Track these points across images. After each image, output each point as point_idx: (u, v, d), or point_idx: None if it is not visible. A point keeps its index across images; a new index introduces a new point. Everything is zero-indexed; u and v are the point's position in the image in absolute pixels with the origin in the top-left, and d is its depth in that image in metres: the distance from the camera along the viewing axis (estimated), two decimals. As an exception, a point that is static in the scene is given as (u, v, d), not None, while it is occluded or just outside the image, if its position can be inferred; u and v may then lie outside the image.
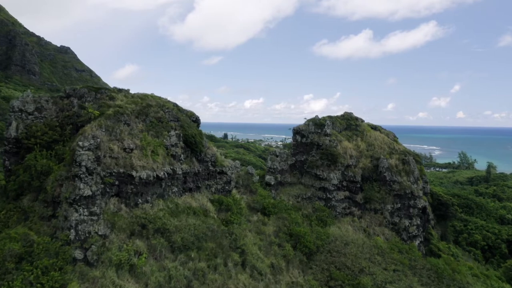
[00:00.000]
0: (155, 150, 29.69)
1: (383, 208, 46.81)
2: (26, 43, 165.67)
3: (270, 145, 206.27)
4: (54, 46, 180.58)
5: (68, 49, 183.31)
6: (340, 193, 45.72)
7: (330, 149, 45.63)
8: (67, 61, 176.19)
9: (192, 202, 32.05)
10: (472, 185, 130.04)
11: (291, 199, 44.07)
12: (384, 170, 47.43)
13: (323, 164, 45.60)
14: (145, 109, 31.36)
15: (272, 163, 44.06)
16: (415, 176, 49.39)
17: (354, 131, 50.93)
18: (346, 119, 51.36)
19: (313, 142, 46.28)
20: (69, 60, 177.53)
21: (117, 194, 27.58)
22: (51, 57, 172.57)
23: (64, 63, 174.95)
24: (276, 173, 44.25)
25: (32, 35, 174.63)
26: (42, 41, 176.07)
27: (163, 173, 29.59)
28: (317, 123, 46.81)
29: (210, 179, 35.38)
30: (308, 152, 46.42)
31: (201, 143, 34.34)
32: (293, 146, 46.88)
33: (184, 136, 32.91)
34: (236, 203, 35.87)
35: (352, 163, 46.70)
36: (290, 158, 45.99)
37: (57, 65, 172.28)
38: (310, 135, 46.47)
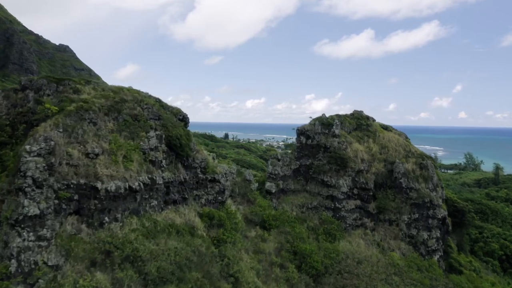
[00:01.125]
0: (128, 155, 23.49)
1: (399, 219, 40.48)
2: (24, 41, 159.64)
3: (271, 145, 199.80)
4: (52, 44, 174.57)
5: (67, 48, 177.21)
6: (351, 202, 39.40)
7: (339, 152, 39.30)
8: (66, 60, 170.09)
9: (175, 218, 25.82)
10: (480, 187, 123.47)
11: (295, 209, 37.78)
12: (400, 175, 41.10)
13: (331, 169, 39.28)
14: (118, 105, 25.16)
15: (273, 168, 37.77)
16: (434, 183, 43.03)
17: (365, 131, 44.58)
18: (356, 118, 45.01)
19: (319, 144, 39.96)
20: (68, 59, 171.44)
21: (77, 212, 21.40)
22: (49, 55, 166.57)
23: (63, 61, 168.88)
24: (277, 180, 37.96)
25: (30, 33, 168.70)
26: (41, 39, 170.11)
27: (138, 183, 23.39)
28: (324, 123, 40.49)
29: (200, 189, 29.17)
30: (314, 156, 40.10)
31: (188, 146, 28.13)
32: (297, 149, 40.58)
33: (167, 137, 26.70)
34: (231, 217, 29.65)
35: (364, 168, 40.36)
36: (294, 162, 39.70)
37: (55, 63, 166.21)
38: (316, 136, 40.14)
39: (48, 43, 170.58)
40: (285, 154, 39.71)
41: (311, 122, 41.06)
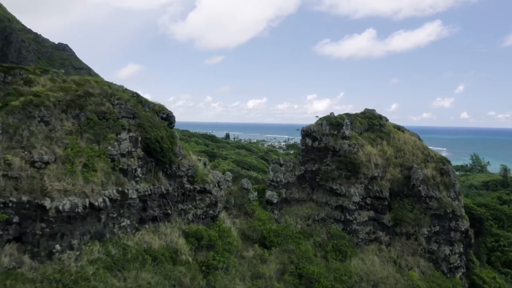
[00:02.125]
0: (90, 163, 18.11)
1: (418, 232, 34.97)
2: (22, 40, 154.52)
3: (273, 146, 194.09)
4: (51, 43, 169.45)
5: (66, 46, 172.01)
6: (363, 214, 33.89)
7: (349, 156, 33.79)
8: (65, 59, 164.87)
9: (153, 240, 20.42)
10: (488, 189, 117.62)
11: (300, 221, 32.32)
12: (419, 182, 35.57)
13: (341, 176, 33.77)
14: (81, 100, 19.75)
15: (275, 175, 32.27)
16: (456, 191, 37.52)
17: (378, 132, 39.04)
18: (368, 118, 39.46)
19: (327, 147, 34.44)
20: (67, 58, 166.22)
21: (18, 238, 16.05)
22: (48, 54, 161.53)
23: (62, 60, 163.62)
24: (280, 188, 32.48)
25: (29, 32, 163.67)
26: (40, 38, 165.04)
27: (103, 199, 18.01)
28: (332, 123, 34.97)
29: (186, 202, 23.74)
30: (321, 160, 34.60)
31: (172, 150, 22.71)
32: (301, 152, 35.06)
33: (144, 140, 21.30)
34: (224, 236, 24.22)
35: (378, 174, 34.84)
36: (298, 168, 34.21)
37: (54, 62, 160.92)
38: (323, 138, 34.61)
39: (47, 41, 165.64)
40: (288, 159, 34.20)
41: (318, 122, 35.55)
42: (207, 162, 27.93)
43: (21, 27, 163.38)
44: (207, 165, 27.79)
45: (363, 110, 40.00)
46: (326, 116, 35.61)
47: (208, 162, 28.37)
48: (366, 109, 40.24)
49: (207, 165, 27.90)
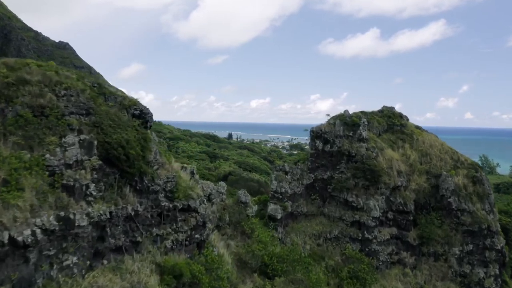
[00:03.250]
0: (12, 180, 12.32)
1: (448, 251, 28.93)
2: (22, 38, 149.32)
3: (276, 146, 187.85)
4: (52, 41, 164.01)
5: (66, 45, 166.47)
6: (384, 231, 27.87)
7: (368, 161, 27.77)
8: (65, 57, 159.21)
9: (113, 282, 14.60)
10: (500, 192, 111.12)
11: (309, 241, 26.34)
12: (448, 193, 29.52)
13: (358, 185, 27.77)
14: (10, 89, 13.94)
15: (279, 185, 26.27)
16: (491, 202, 31.43)
17: (399, 133, 32.98)
18: (387, 117, 33.39)
19: (341, 151, 28.40)
20: (67, 56, 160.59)
21: None
22: (48, 52, 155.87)
23: (62, 59, 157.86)
24: (284, 200, 26.50)
25: (29, 30, 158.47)
26: (40, 36, 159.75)
27: (32, 231, 12.22)
28: (347, 123, 28.94)
29: (164, 225, 17.86)
30: (334, 166, 28.58)
31: (144, 158, 16.83)
32: (311, 157, 29.03)
33: (103, 145, 15.43)
34: (213, 268, 18.36)
35: (401, 183, 28.81)
36: (307, 176, 28.20)
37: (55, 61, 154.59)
38: (337, 140, 28.57)
39: (47, 40, 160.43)
40: (294, 165, 28.12)
41: (330, 121, 29.47)
42: (195, 170, 21.98)
43: (21, 25, 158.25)
44: (195, 174, 21.85)
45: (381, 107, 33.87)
46: (340, 115, 29.59)
47: (197, 170, 22.43)
48: (385, 107, 34.15)
49: (195, 174, 21.96)
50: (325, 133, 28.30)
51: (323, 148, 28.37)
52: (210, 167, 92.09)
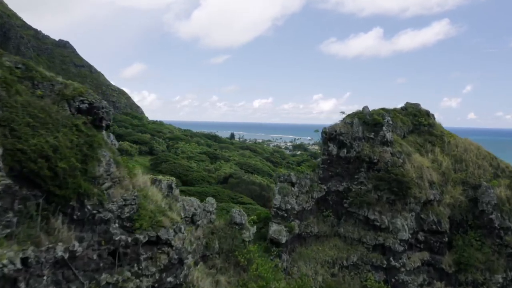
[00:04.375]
0: None
1: (489, 279, 23.02)
2: (21, 36, 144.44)
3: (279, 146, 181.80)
4: (52, 40, 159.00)
5: (66, 43, 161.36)
6: (415, 256, 22.02)
7: (394, 170, 21.93)
8: (65, 56, 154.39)
9: None
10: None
11: (321, 270, 20.54)
12: (490, 208, 23.62)
13: (382, 200, 21.95)
14: None
15: (284, 200, 20.41)
16: (540, 218, 25.52)
17: (427, 135, 27.08)
18: (412, 115, 27.47)
19: (361, 157, 22.54)
20: (67, 55, 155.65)
21: None
22: (48, 51, 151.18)
23: (63, 57, 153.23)
24: (290, 219, 20.67)
25: (29, 28, 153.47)
26: (40, 35, 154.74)
27: None
28: (367, 122, 23.07)
29: (121, 267, 12.23)
30: (351, 176, 22.73)
31: (85, 173, 11.14)
32: (323, 164, 23.12)
33: (14, 155, 9.79)
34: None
35: (434, 196, 22.94)
36: (318, 187, 22.35)
37: (54, 59, 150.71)
38: (355, 143, 22.69)
39: (47, 38, 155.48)
40: (302, 174, 22.20)
41: (346, 120, 23.56)
42: (174, 184, 16.25)
43: (21, 23, 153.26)
44: (174, 189, 16.13)
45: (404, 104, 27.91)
46: (358, 112, 23.70)
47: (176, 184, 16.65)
48: (408, 103, 28.21)
49: (174, 189, 16.22)
50: (341, 134, 22.42)
51: (338, 153, 22.50)
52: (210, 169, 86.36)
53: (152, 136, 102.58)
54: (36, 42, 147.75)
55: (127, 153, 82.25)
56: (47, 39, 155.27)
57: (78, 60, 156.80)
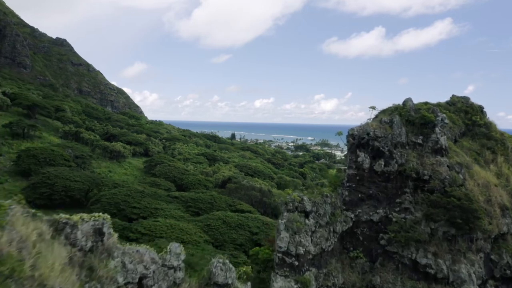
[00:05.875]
0: None
1: None
2: (17, 34, 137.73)
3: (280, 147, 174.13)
4: (49, 38, 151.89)
5: (64, 41, 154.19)
6: (486, 320, 14.65)
7: (455, 191, 14.45)
8: (62, 54, 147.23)
9: None
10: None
11: None
12: None
13: (437, 235, 14.48)
14: None
15: (293, 239, 12.89)
16: None
17: (483, 139, 19.48)
18: (463, 112, 19.87)
19: (405, 172, 15.02)
20: (65, 53, 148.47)
21: None
22: (45, 49, 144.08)
23: (60, 56, 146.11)
24: (302, 268, 13.15)
25: (25, 26, 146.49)
26: (36, 33, 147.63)
27: None
28: (412, 120, 15.55)
29: None
30: (391, 199, 15.22)
31: None
32: (349, 182, 15.53)
33: None
34: None
35: (508, 228, 15.49)
36: (342, 216, 14.83)
37: (51, 58, 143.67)
38: (397, 151, 15.15)
39: (44, 36, 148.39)
40: (320, 197, 14.58)
41: (381, 117, 16.03)
42: (108, 226, 8.89)
43: (18, 21, 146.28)
44: (106, 235, 8.73)
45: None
46: (397, 107, 16.16)
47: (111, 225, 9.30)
48: (455, 97, 20.60)
49: (107, 236, 8.81)
50: (376, 139, 14.90)
51: (371, 165, 15.00)
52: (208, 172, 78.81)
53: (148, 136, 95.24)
54: (32, 40, 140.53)
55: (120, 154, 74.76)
56: (43, 37, 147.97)
57: (76, 59, 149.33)
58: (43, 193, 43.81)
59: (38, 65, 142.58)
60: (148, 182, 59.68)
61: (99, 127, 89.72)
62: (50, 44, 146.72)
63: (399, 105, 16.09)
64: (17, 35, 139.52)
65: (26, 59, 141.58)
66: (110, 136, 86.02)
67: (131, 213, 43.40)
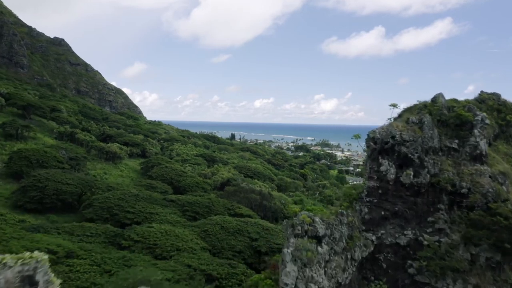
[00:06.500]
0: None
1: None
2: (14, 33, 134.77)
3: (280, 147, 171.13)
4: (47, 37, 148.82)
5: (62, 41, 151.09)
6: None
7: (501, 208, 11.54)
8: (60, 54, 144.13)
9: None
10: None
11: None
12: None
13: (478, 262, 11.57)
14: None
15: (302, 275, 9.98)
16: None
17: (520, 142, 16.59)
18: (495, 111, 16.91)
19: (439, 184, 12.12)
20: (62, 53, 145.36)
21: None
22: (43, 49, 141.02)
23: (57, 55, 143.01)
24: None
25: (23, 25, 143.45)
26: (34, 32, 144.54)
27: None
28: (445, 120, 12.62)
29: None
30: (421, 217, 12.28)
31: None
32: (369, 196, 12.56)
33: None
34: None
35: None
36: (361, 239, 11.88)
37: (49, 58, 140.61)
38: (428, 158, 12.23)
39: (41, 36, 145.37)
40: (334, 216, 11.64)
41: (407, 117, 13.09)
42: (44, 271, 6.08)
43: (15, 20, 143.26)
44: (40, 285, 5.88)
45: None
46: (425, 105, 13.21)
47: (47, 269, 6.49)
48: (484, 93, 17.65)
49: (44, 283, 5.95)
50: (403, 143, 11.94)
51: (397, 176, 12.06)
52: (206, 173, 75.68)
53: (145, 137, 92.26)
54: (30, 40, 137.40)
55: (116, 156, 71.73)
56: (41, 37, 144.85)
57: (74, 58, 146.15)
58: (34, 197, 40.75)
59: (36, 64, 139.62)
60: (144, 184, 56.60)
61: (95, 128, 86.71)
62: (47, 44, 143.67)
63: (428, 102, 13.16)
64: (14, 34, 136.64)
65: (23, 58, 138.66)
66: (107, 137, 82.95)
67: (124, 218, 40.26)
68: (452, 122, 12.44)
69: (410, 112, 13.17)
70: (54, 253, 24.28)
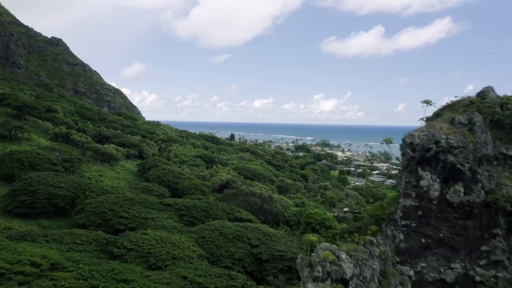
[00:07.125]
0: None
1: None
2: (10, 33, 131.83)
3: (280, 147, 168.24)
4: (44, 37, 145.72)
5: (59, 41, 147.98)
6: None
7: None
8: (58, 54, 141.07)
9: None
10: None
11: None
12: None
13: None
14: None
15: None
16: None
17: None
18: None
19: (496, 204, 9.35)
20: (60, 53, 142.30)
21: None
22: (40, 49, 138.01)
23: (55, 56, 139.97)
24: None
25: (20, 25, 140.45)
26: (31, 32, 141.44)
27: None
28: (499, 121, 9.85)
29: None
30: (473, 246, 9.47)
31: None
32: (405, 218, 9.71)
33: None
34: None
35: None
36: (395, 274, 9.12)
37: (46, 58, 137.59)
38: (482, 171, 9.47)
39: (39, 35, 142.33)
40: (363, 250, 8.77)
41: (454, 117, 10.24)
42: None
43: (12, 20, 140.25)
44: None
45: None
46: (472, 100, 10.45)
47: None
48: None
49: None
50: (449, 150, 9.15)
51: (442, 193, 9.28)
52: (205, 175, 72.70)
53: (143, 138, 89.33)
54: (27, 40, 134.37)
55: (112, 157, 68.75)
56: (38, 37, 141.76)
57: (71, 58, 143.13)
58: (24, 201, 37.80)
59: (33, 65, 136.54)
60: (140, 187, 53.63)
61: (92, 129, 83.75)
62: (45, 44, 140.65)
63: (474, 98, 10.38)
64: (11, 34, 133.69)
65: (20, 58, 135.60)
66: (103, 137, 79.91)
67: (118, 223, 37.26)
68: (508, 123, 9.69)
69: (452, 111, 10.38)
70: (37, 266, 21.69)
